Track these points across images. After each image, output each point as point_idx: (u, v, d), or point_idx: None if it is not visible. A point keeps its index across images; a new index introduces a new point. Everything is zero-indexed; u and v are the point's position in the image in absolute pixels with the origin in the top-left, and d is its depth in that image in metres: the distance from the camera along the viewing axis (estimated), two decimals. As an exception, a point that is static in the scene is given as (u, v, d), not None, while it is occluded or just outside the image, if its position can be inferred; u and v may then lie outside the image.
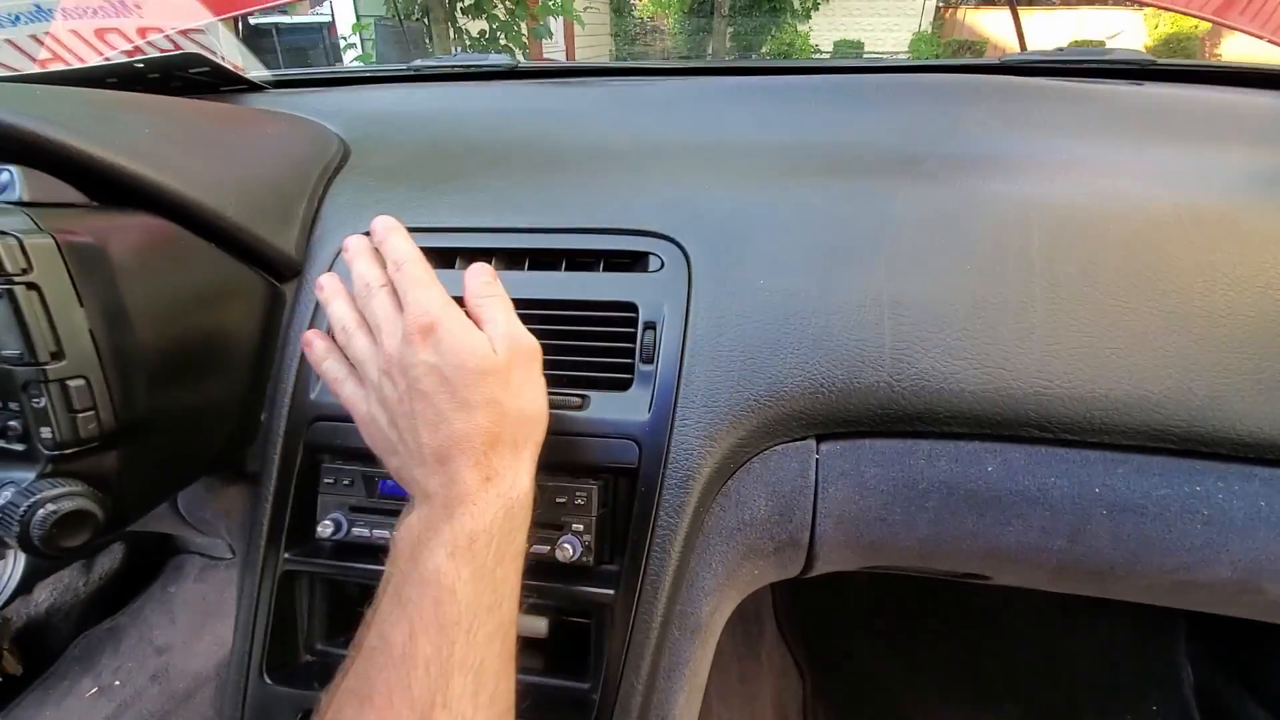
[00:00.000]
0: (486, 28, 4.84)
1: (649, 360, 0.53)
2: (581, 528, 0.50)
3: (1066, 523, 0.51)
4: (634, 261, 0.57)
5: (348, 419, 0.50)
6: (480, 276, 0.47)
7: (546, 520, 0.51)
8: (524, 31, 4.94)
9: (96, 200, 0.48)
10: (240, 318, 0.56)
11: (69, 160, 0.45)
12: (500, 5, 4.66)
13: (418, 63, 0.98)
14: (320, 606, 0.56)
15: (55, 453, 0.40)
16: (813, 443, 0.52)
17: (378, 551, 0.53)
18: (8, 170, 0.43)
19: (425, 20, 4.68)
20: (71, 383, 0.41)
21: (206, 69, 0.84)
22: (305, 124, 0.75)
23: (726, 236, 0.55)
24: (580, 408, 0.53)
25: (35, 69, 0.94)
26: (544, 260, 0.58)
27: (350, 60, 4.20)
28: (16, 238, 0.39)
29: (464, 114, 0.83)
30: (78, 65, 0.91)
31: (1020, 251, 0.52)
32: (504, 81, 0.94)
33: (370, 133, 0.76)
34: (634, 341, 0.54)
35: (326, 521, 0.53)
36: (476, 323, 0.44)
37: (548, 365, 0.48)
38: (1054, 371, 0.49)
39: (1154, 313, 0.50)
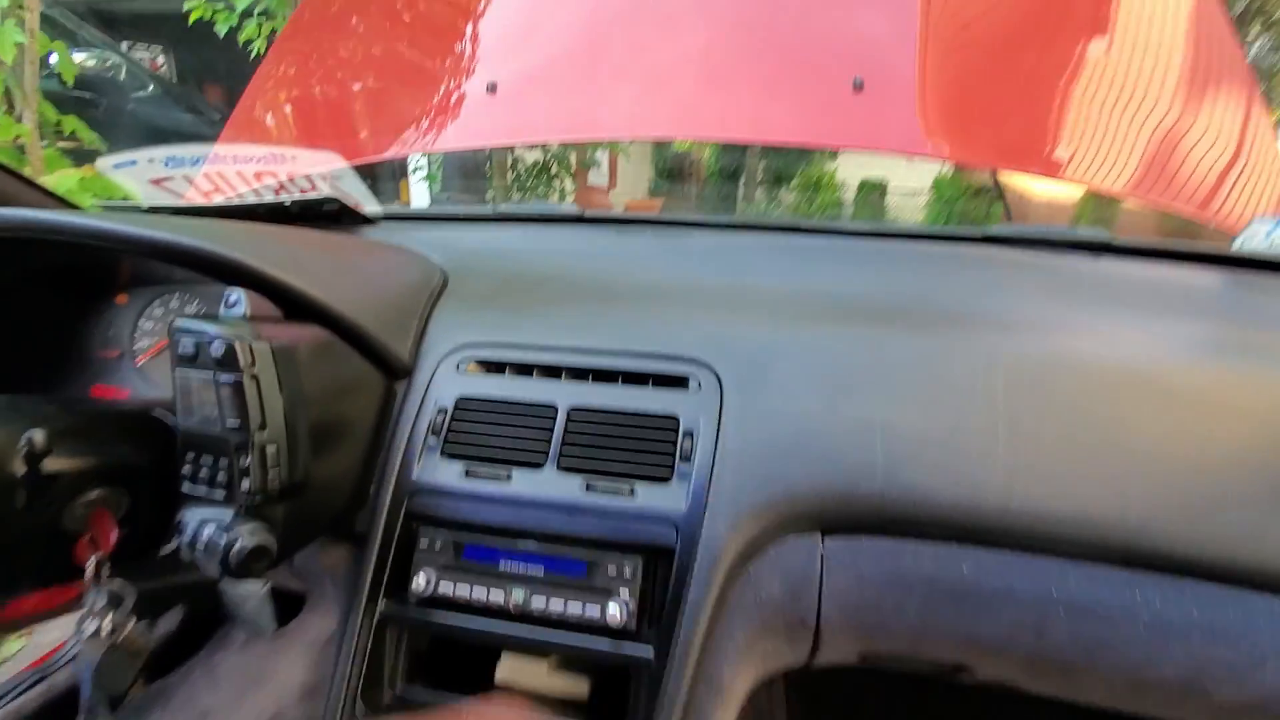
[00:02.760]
0: (541, 156, 5.38)
1: (686, 460, 0.66)
2: (627, 595, 0.62)
3: (1031, 620, 0.61)
4: (677, 381, 0.72)
5: (442, 493, 0.64)
6: None
7: (599, 587, 0.63)
8: (573, 162, 5.46)
9: (283, 311, 0.65)
10: (365, 407, 0.71)
11: (270, 286, 0.63)
12: (554, 138, 5.21)
13: (502, 207, 1.19)
14: (405, 653, 0.67)
15: (250, 500, 0.55)
16: (819, 537, 0.64)
17: (460, 606, 0.65)
18: (238, 293, 0.61)
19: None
20: (269, 447, 0.55)
21: (337, 207, 1.05)
22: (415, 255, 0.94)
23: (752, 366, 0.70)
24: (630, 495, 0.66)
25: (197, 198, 1.17)
26: (605, 376, 0.73)
27: (417, 179, 4.71)
28: (249, 343, 0.55)
29: (540, 252, 1.02)
30: (235, 199, 1.13)
31: (986, 391, 0.66)
32: (572, 225, 1.14)
33: (465, 264, 0.94)
34: (674, 445, 0.67)
35: (420, 578, 0.65)
36: None
37: (604, 462, 0.62)
38: (1014, 490, 0.61)
39: (1096, 449, 0.62)
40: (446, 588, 0.65)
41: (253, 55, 3.55)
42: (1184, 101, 1.13)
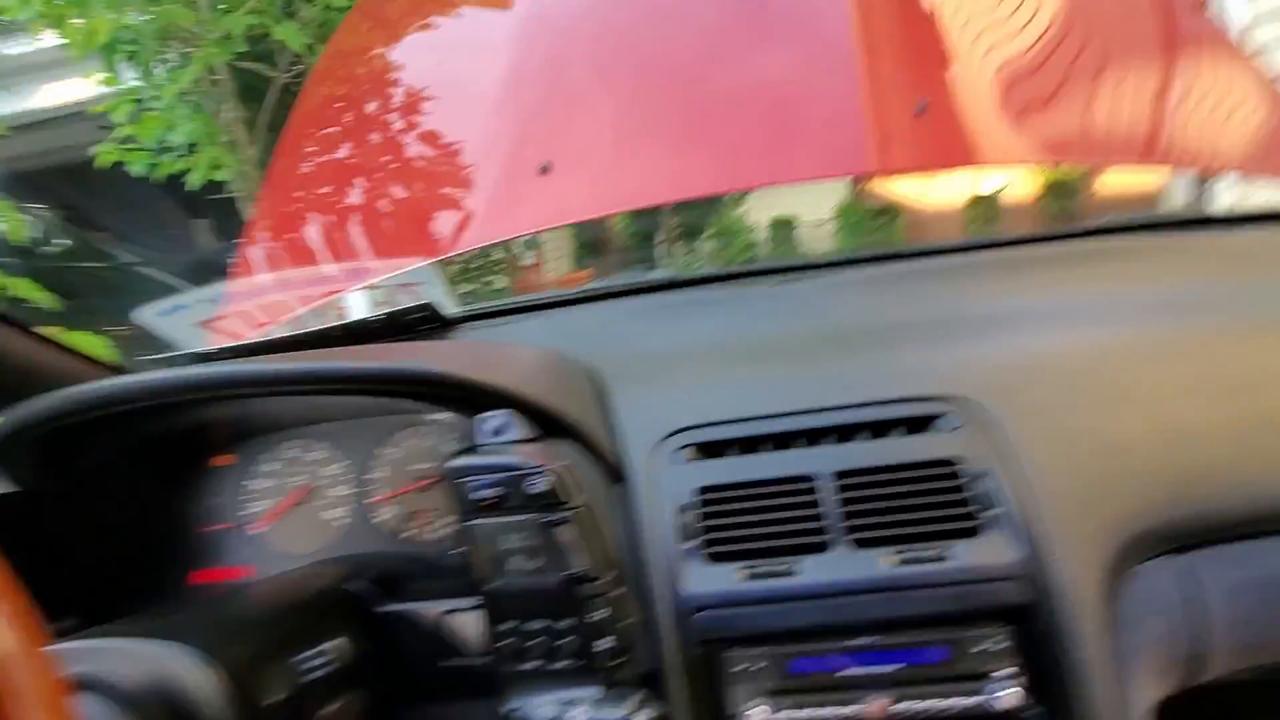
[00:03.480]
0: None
1: (986, 506, 0.59)
2: (1008, 670, 0.54)
3: None
4: (926, 421, 0.65)
5: (729, 603, 0.55)
6: None
7: (968, 670, 0.54)
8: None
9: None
10: (613, 524, 0.61)
11: (528, 406, 0.53)
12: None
13: (590, 285, 1.12)
14: None
15: (614, 662, 0.44)
16: (1176, 557, 0.58)
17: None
18: (504, 416, 0.51)
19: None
20: (617, 592, 0.45)
21: (430, 311, 0.95)
22: (552, 351, 0.85)
23: (1014, 391, 0.65)
24: (941, 560, 0.58)
25: (251, 333, 1.04)
26: (847, 432, 0.66)
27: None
28: (569, 473, 0.45)
29: (669, 326, 0.94)
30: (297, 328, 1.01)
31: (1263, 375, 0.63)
32: (666, 292, 1.07)
33: (599, 351, 0.85)
34: (962, 491, 0.60)
35: (755, 713, 0.54)
36: None
37: (896, 527, 0.55)
38: None
39: None
40: (788, 715, 0.55)
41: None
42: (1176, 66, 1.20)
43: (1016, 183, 7.61)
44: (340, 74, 1.51)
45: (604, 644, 0.44)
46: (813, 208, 8.38)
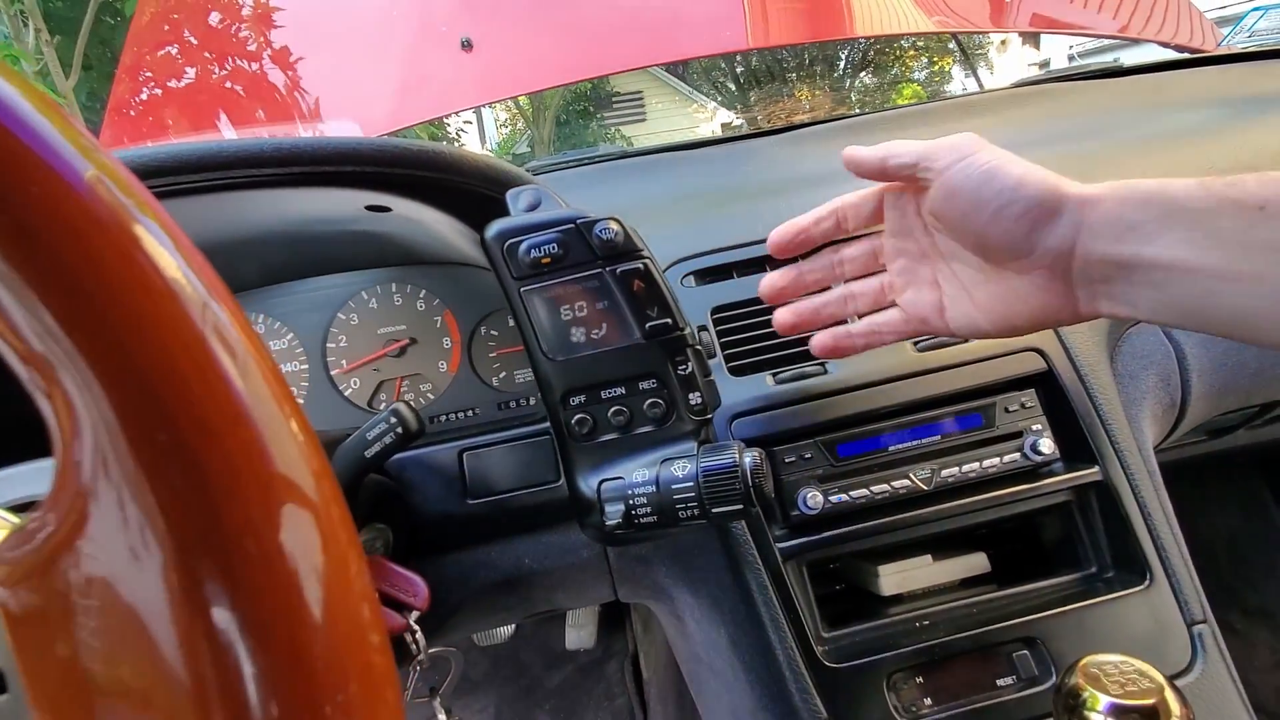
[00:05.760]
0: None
1: None
2: (1040, 427, 0.56)
3: None
4: None
5: (765, 409, 0.54)
6: None
7: (1004, 432, 0.56)
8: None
9: None
10: None
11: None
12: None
13: (533, 163, 1.04)
14: (814, 596, 0.55)
15: (705, 416, 0.40)
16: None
17: (860, 511, 0.54)
18: (533, 190, 0.45)
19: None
20: (697, 343, 0.41)
21: None
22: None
23: None
24: (962, 341, 0.60)
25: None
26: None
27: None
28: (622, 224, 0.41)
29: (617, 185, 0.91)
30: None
31: None
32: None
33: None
34: None
35: (808, 495, 0.53)
36: None
37: None
38: None
39: None
40: (840, 496, 0.54)
41: None
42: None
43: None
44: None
45: (695, 397, 0.40)
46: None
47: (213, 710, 0.13)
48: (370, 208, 0.49)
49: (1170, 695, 0.31)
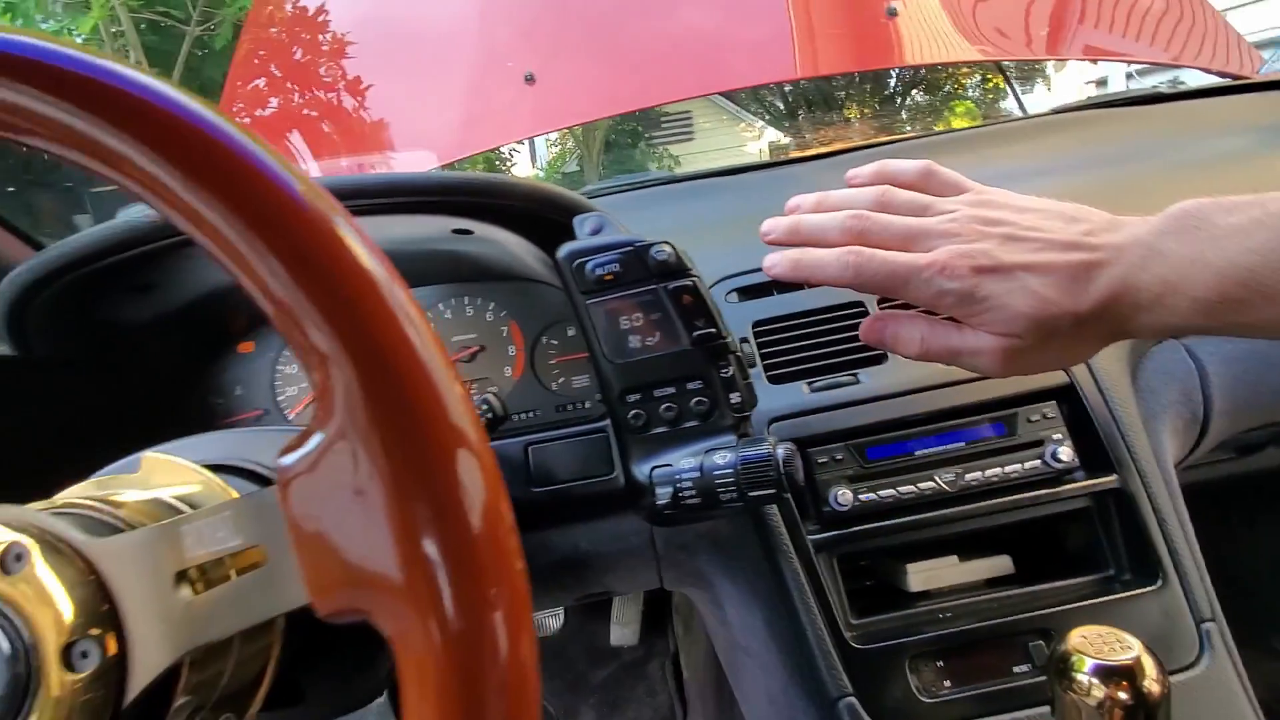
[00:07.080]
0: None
1: None
2: (1060, 434, 0.60)
3: None
4: None
5: (800, 414, 0.59)
6: None
7: (1026, 440, 0.60)
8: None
9: None
10: None
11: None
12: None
13: (588, 188, 1.12)
14: (844, 587, 0.60)
15: (744, 414, 0.46)
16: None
17: (886, 510, 0.59)
18: (597, 216, 0.52)
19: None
20: (743, 346, 0.48)
21: None
22: None
23: None
24: None
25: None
26: None
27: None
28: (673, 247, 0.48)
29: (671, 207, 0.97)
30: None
31: None
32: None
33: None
34: None
35: (837, 493, 0.59)
36: None
37: None
38: None
39: None
40: (869, 495, 0.59)
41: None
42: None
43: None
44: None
45: (735, 397, 0.46)
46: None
47: (419, 589, 0.20)
48: (456, 231, 0.57)
49: (1146, 658, 0.35)
